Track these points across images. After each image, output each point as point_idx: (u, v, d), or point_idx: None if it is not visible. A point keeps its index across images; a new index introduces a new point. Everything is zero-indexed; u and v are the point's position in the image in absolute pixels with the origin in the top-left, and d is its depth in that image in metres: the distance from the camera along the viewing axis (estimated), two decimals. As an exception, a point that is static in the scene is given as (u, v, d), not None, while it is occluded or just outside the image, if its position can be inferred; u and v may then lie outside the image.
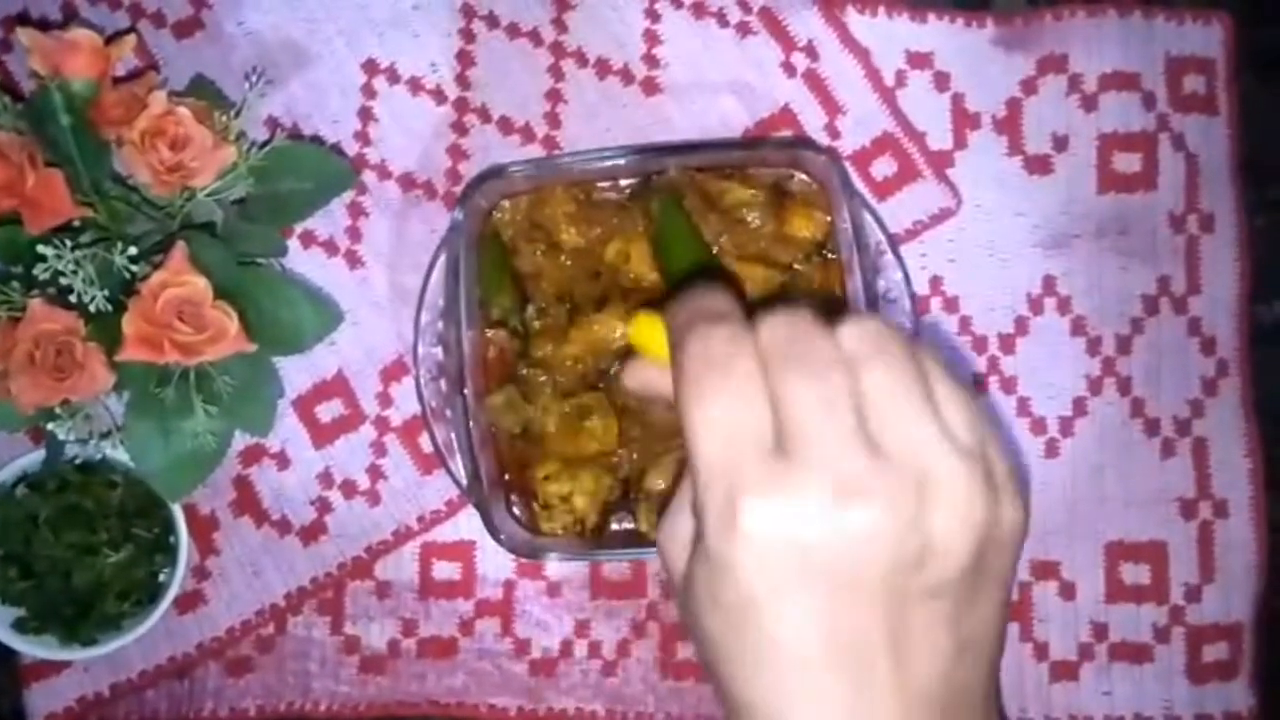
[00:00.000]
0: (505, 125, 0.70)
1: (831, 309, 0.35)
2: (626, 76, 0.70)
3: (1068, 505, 0.69)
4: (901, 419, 0.32)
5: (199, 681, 0.68)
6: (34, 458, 0.65)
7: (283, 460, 0.69)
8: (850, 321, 0.33)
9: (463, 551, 0.69)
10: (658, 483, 0.62)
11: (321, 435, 0.69)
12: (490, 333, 0.64)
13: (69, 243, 0.57)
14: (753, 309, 0.36)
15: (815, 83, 0.69)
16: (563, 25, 0.70)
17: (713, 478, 0.32)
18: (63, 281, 0.57)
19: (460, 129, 0.70)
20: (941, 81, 0.70)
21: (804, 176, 0.65)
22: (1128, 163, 0.70)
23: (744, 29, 0.69)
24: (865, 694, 0.32)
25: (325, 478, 0.68)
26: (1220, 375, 0.69)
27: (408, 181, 0.69)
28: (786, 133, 0.69)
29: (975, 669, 0.33)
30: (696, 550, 0.33)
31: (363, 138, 0.69)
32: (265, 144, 0.63)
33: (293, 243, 0.68)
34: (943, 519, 0.31)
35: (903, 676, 0.32)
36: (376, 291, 0.69)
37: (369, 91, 0.69)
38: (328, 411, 0.69)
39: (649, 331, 0.38)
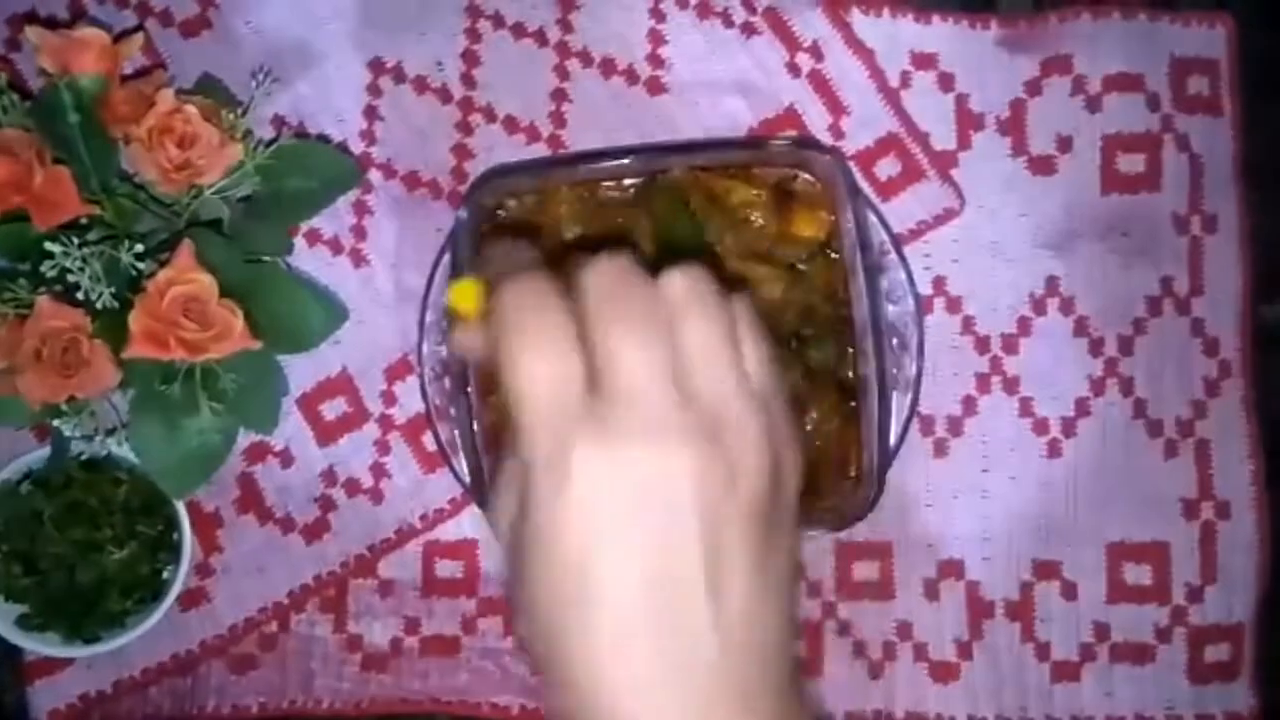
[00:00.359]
0: (510, 124, 0.70)
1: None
2: (631, 76, 0.70)
3: (1070, 505, 0.69)
4: (710, 367, 0.35)
5: (202, 679, 0.68)
6: (39, 454, 0.65)
7: (286, 458, 0.69)
8: (670, 273, 0.36)
9: (466, 550, 0.69)
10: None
11: (325, 433, 0.69)
12: (495, 331, 0.64)
13: (76, 240, 0.57)
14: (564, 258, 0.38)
15: (819, 83, 0.70)
16: (568, 25, 0.70)
17: (540, 429, 0.34)
18: (70, 278, 0.57)
19: (465, 128, 0.70)
20: (946, 82, 0.70)
21: (808, 176, 0.65)
22: (1131, 164, 0.70)
23: (749, 29, 0.70)
24: (684, 635, 0.34)
25: (329, 476, 0.69)
26: (1223, 376, 0.70)
27: (413, 180, 0.70)
28: (791, 133, 0.69)
29: (779, 608, 0.35)
30: (525, 513, 0.35)
31: (368, 136, 0.70)
32: (271, 142, 0.64)
33: (298, 241, 0.69)
34: (741, 451, 0.34)
35: (718, 608, 0.34)
36: (381, 290, 0.69)
37: (375, 90, 0.70)
38: (332, 409, 0.69)
39: (466, 296, 0.39)
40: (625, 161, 0.64)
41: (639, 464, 0.34)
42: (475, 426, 0.61)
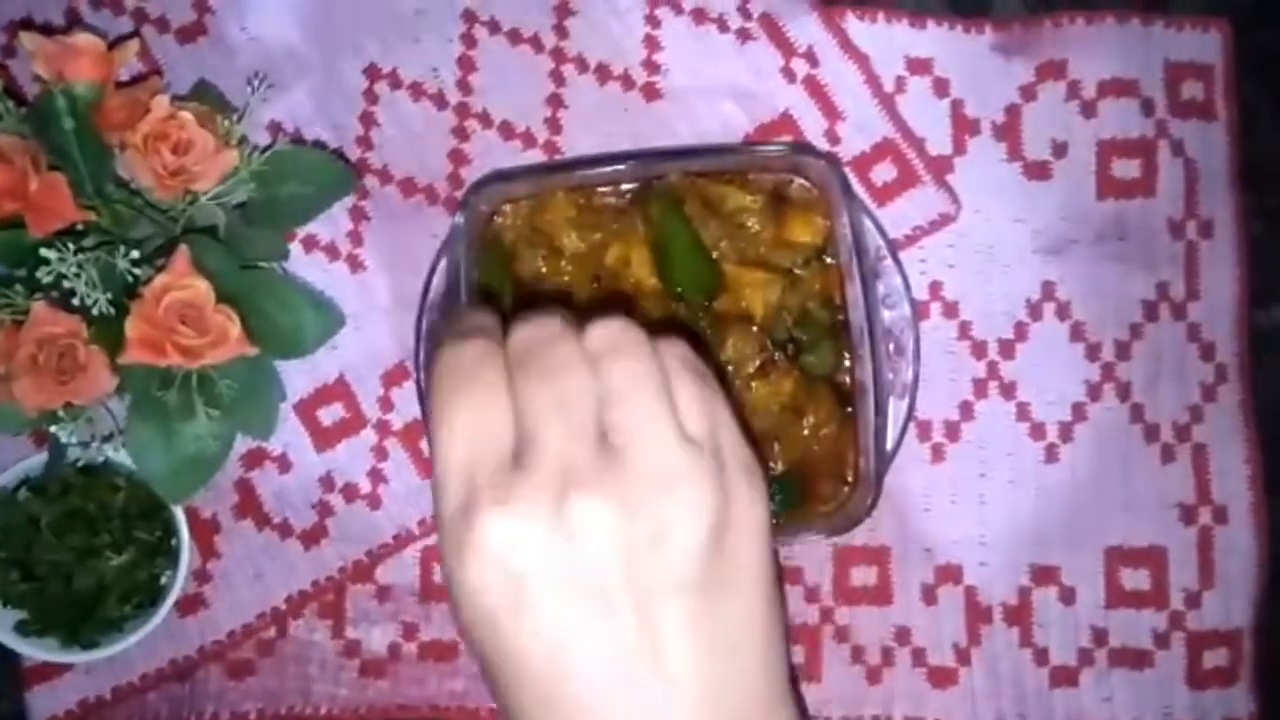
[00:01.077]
0: (506, 130, 0.70)
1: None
2: (627, 82, 0.70)
3: (1067, 510, 0.69)
4: (634, 415, 0.32)
5: (200, 684, 0.68)
6: (36, 461, 0.65)
7: (284, 464, 0.69)
8: (594, 323, 0.34)
9: (463, 555, 0.69)
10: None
11: (323, 439, 0.69)
12: (491, 337, 0.64)
13: (72, 246, 0.57)
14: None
15: (815, 88, 0.70)
16: (564, 31, 0.70)
17: (449, 491, 0.33)
18: (65, 285, 0.57)
19: (461, 134, 0.70)
20: (941, 87, 0.70)
21: (804, 182, 0.65)
22: (1126, 169, 0.70)
23: (744, 35, 0.70)
24: (637, 699, 0.31)
25: (326, 481, 0.69)
26: (1219, 381, 0.69)
27: (409, 186, 0.70)
28: (786, 138, 0.70)
29: (747, 667, 0.33)
30: (447, 579, 0.33)
31: (364, 142, 0.70)
32: (267, 148, 0.64)
33: (294, 247, 0.69)
34: (670, 508, 0.32)
35: (669, 677, 0.31)
36: (378, 295, 0.69)
37: (371, 96, 0.70)
38: (329, 415, 0.69)
39: None
40: (621, 167, 0.64)
41: (542, 527, 0.31)
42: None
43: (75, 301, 0.58)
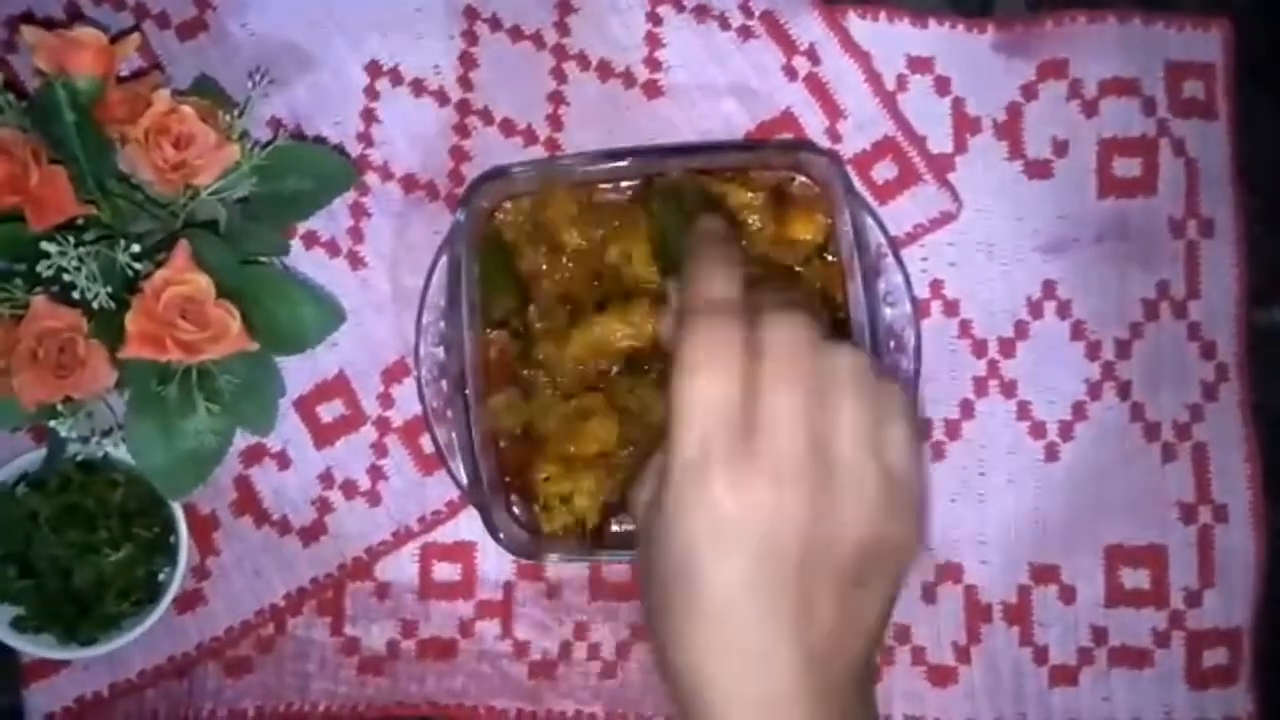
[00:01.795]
0: (507, 127, 0.70)
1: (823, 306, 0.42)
2: (628, 79, 0.70)
3: (1067, 509, 0.69)
4: (850, 441, 0.40)
5: (198, 681, 0.68)
6: (35, 456, 0.65)
7: (284, 460, 0.69)
8: (842, 351, 0.41)
9: (463, 552, 0.69)
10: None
11: (323, 435, 0.69)
12: (491, 334, 0.64)
13: (72, 240, 0.57)
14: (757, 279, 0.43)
15: (816, 86, 0.70)
16: (565, 28, 0.70)
17: (691, 435, 0.39)
18: (66, 279, 0.57)
19: (463, 131, 0.70)
20: (942, 86, 0.70)
21: (805, 179, 0.65)
22: (1128, 167, 0.70)
23: (746, 32, 0.70)
24: (775, 638, 0.39)
25: (326, 478, 0.69)
26: (1220, 380, 0.70)
27: (410, 183, 0.70)
28: (788, 136, 0.70)
29: (858, 641, 0.41)
30: (656, 506, 0.41)
31: (365, 139, 0.70)
32: (268, 144, 0.63)
33: (295, 243, 0.69)
34: (850, 520, 0.40)
35: (805, 628, 0.39)
36: (378, 292, 0.69)
37: (372, 93, 0.70)
38: (329, 412, 0.69)
39: None
40: (622, 164, 0.64)
41: (761, 498, 0.39)
42: (472, 429, 0.61)
43: (75, 295, 0.58)
